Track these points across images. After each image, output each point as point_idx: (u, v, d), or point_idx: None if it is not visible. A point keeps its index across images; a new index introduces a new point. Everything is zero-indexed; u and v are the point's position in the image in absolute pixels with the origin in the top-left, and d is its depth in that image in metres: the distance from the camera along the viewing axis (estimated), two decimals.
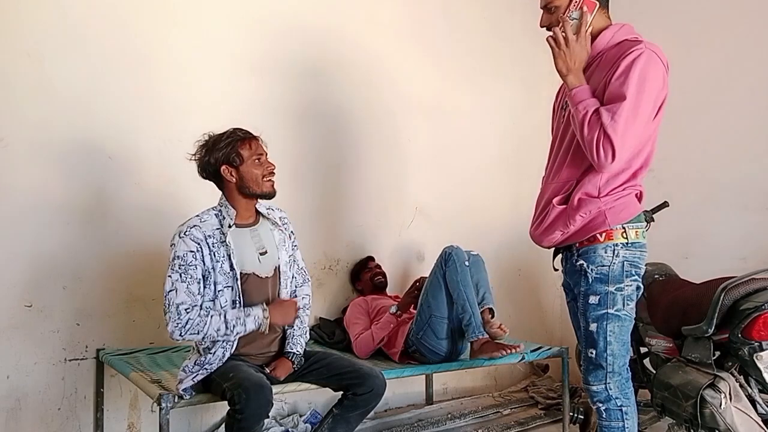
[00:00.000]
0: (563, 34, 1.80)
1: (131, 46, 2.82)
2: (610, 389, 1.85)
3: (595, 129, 1.72)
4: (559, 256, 2.08)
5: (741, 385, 2.13)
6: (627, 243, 1.84)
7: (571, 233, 1.87)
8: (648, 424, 2.67)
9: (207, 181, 2.29)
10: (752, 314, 2.05)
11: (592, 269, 1.84)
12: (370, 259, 3.40)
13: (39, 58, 2.62)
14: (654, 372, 2.60)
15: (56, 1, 2.67)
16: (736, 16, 3.40)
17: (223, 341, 2.13)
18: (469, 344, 2.90)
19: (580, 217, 1.83)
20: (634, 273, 1.86)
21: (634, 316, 1.89)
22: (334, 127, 3.43)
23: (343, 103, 3.45)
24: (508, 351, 2.62)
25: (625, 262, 1.84)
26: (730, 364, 2.17)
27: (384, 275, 3.32)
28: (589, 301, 1.85)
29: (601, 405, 1.87)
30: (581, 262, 1.86)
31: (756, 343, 2.05)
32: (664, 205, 2.93)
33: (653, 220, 2.88)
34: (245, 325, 2.12)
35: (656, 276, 2.64)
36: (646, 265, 2.70)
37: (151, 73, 2.88)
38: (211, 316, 2.09)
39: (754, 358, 2.06)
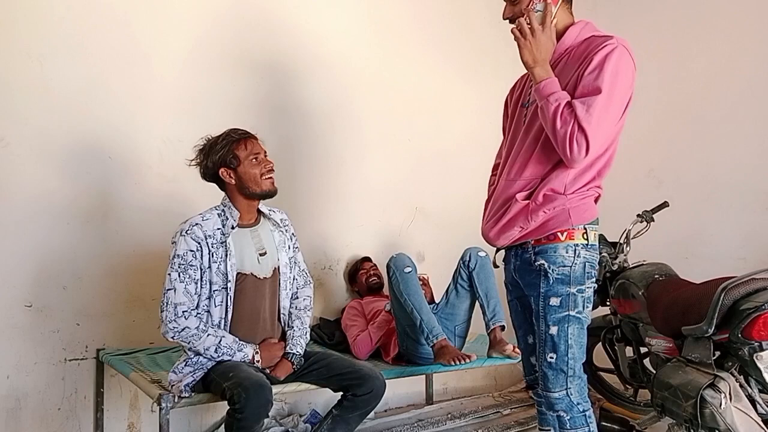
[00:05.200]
0: (528, 24, 1.73)
1: (131, 46, 2.82)
2: (572, 395, 1.76)
3: (569, 122, 1.65)
4: (502, 252, 1.99)
5: (741, 385, 2.12)
6: (587, 244, 1.78)
7: (530, 230, 1.79)
8: (648, 424, 2.66)
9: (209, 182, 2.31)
10: (752, 314, 2.04)
11: (553, 269, 1.76)
12: (366, 260, 3.40)
13: (39, 58, 2.63)
14: (654, 372, 2.59)
15: (56, 2, 2.67)
16: (735, 16, 3.40)
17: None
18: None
19: (543, 213, 1.76)
20: (593, 275, 1.80)
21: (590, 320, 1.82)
22: (334, 126, 3.43)
23: (342, 103, 3.45)
24: (461, 360, 2.61)
25: (586, 264, 1.78)
26: (730, 364, 2.17)
27: (379, 276, 3.31)
28: (550, 303, 1.76)
29: (564, 414, 1.76)
30: (541, 261, 1.77)
31: (756, 343, 2.04)
32: (664, 205, 2.94)
33: (653, 220, 2.91)
34: (232, 357, 2.16)
35: (656, 276, 2.64)
36: (645, 265, 2.74)
37: (151, 72, 2.88)
38: (208, 335, 2.12)
39: (754, 358, 2.05)
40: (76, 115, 2.70)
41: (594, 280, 1.80)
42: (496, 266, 2.02)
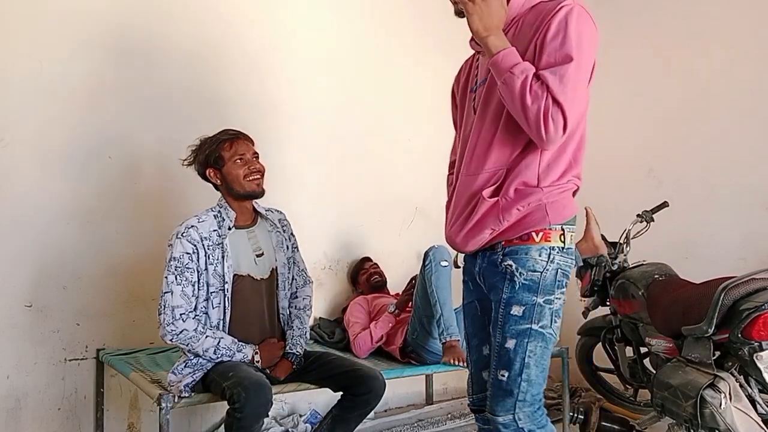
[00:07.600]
0: None
1: (131, 46, 2.82)
2: (519, 419, 1.52)
3: (541, 97, 1.42)
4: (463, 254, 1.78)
5: (741, 385, 2.12)
6: (563, 248, 1.55)
7: (501, 230, 1.55)
8: (648, 424, 2.66)
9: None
10: (752, 314, 2.04)
11: (521, 273, 1.53)
12: (366, 260, 3.40)
13: (39, 58, 2.62)
14: (654, 372, 2.59)
15: (56, 2, 2.67)
16: (736, 17, 3.40)
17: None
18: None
19: (517, 210, 1.52)
20: (564, 284, 1.58)
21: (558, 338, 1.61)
22: (334, 126, 3.43)
23: (342, 102, 3.45)
24: (462, 362, 2.59)
25: (558, 270, 1.55)
26: (730, 364, 2.17)
27: (381, 274, 3.31)
28: (511, 312, 1.53)
29: None
30: (509, 262, 1.54)
31: (756, 343, 2.04)
32: (664, 205, 2.94)
33: (653, 220, 2.91)
34: (231, 358, 2.15)
35: (656, 276, 2.64)
36: (645, 265, 2.74)
37: (151, 72, 2.88)
38: (206, 337, 2.12)
39: (754, 358, 2.05)
40: (76, 115, 2.70)
41: (564, 289, 1.59)
42: (457, 266, 1.85)
